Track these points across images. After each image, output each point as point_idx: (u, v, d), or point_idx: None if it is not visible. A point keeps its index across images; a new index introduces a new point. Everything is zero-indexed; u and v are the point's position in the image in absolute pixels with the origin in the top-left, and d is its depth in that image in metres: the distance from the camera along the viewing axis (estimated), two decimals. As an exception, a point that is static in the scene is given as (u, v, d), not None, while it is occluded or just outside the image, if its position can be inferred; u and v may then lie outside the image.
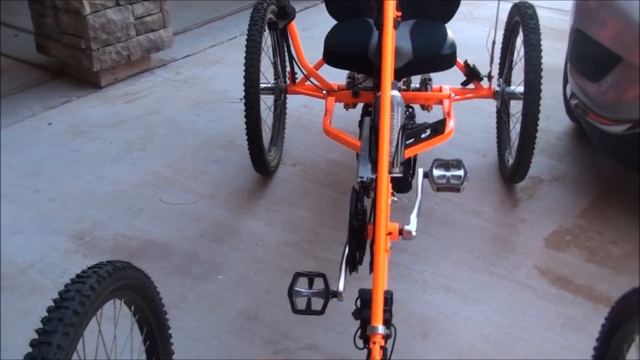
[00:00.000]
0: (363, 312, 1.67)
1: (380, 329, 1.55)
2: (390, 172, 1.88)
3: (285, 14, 2.62)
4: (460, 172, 2.15)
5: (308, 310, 1.93)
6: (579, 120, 3.06)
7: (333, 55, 2.67)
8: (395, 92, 1.89)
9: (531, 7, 2.84)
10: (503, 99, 3.05)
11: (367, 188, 2.05)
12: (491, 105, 3.32)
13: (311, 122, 3.65)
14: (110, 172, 3.27)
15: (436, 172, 2.14)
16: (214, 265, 2.68)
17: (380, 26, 2.11)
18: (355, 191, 2.07)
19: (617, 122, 2.71)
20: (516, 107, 3.05)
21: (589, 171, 3.23)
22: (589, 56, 2.81)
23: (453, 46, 2.70)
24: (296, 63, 2.86)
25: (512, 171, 2.99)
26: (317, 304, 1.93)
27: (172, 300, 2.48)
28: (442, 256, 2.71)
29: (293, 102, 3.51)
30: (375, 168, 1.87)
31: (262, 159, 3.00)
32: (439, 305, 2.47)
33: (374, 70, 2.44)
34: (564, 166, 3.27)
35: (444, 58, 2.66)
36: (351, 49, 2.59)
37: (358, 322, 1.91)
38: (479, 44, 3.72)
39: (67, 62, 4.09)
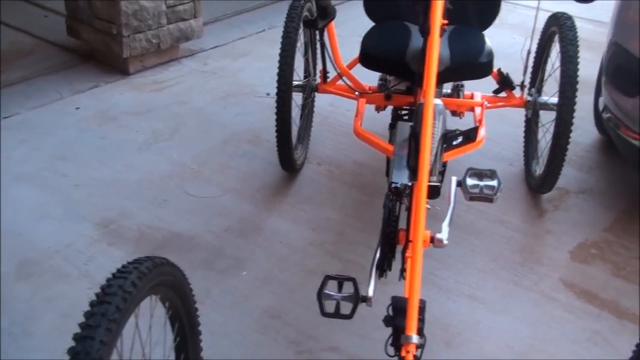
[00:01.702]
0: (396, 320, 1.66)
1: (415, 338, 1.55)
2: (428, 181, 1.88)
3: (326, 14, 2.61)
4: (494, 183, 2.14)
5: (337, 314, 1.93)
6: (610, 133, 3.03)
7: (370, 57, 2.66)
8: (438, 101, 1.88)
9: (570, 18, 2.81)
10: (534, 109, 3.03)
11: (401, 194, 2.05)
12: (519, 114, 3.29)
13: (338, 122, 3.64)
14: (137, 161, 3.28)
15: (470, 182, 2.13)
16: (239, 261, 2.68)
17: (425, 33, 2.09)
18: (388, 196, 2.06)
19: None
20: (545, 118, 3.04)
21: (617, 185, 3.21)
22: (626, 70, 2.79)
23: (490, 54, 2.68)
24: (331, 62, 2.85)
25: (539, 181, 2.97)
26: (345, 307, 1.93)
27: (197, 294, 2.43)
28: (467, 264, 2.70)
29: (320, 100, 3.50)
30: (413, 175, 1.86)
31: (290, 157, 2.99)
32: (463, 314, 2.47)
33: (410, 75, 2.43)
34: (592, 178, 3.25)
35: (481, 66, 2.64)
36: (389, 53, 2.57)
37: (380, 326, 1.90)
38: (508, 50, 3.71)
39: (97, 46, 4.10)
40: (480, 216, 2.96)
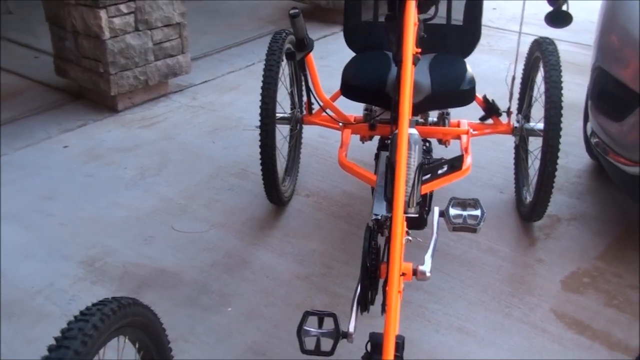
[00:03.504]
0: (373, 357, 1.62)
1: (390, 373, 1.50)
2: (405, 212, 1.84)
3: (304, 46, 2.60)
4: (477, 212, 2.11)
5: (317, 351, 1.88)
6: (599, 158, 3.00)
7: (350, 88, 2.65)
8: (413, 130, 1.85)
9: (552, 43, 2.80)
10: (522, 135, 3.00)
11: (382, 226, 2.01)
12: (509, 140, 3.27)
13: (327, 153, 3.62)
14: (124, 198, 3.25)
15: (452, 212, 2.10)
16: (224, 297, 2.64)
17: (399, 62, 2.08)
18: (369, 229, 2.02)
19: (638, 163, 2.65)
20: (535, 144, 3.01)
21: (609, 211, 3.17)
22: (610, 95, 2.76)
23: (472, 81, 2.66)
24: (313, 94, 2.84)
25: (530, 209, 2.93)
26: (326, 344, 1.88)
27: (180, 331, 2.44)
28: (457, 295, 2.65)
29: (309, 131, 3.49)
30: (390, 207, 1.83)
31: (276, 190, 2.97)
32: (452, 347, 2.41)
33: (391, 105, 2.41)
34: (583, 205, 3.21)
35: (463, 93, 2.63)
36: (369, 83, 2.56)
37: None
38: (497, 76, 3.69)
39: (85, 85, 4.10)
40: (471, 246, 2.92)
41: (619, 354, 2.39)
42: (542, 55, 2.77)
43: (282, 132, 3.12)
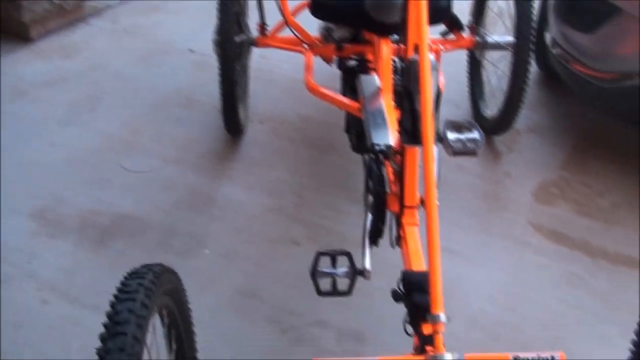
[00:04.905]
0: (414, 297, 1.54)
1: (443, 317, 1.43)
2: (416, 143, 1.73)
3: None
4: (476, 135, 2.00)
5: (334, 292, 1.79)
6: (558, 69, 2.99)
7: (322, 7, 2.44)
8: (432, 56, 1.72)
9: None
10: (484, 50, 2.92)
11: (387, 156, 1.91)
12: (461, 54, 3.19)
13: (273, 74, 3.42)
14: (61, 138, 2.96)
15: (451, 136, 1.98)
16: (196, 238, 2.48)
17: None
18: (373, 160, 1.92)
19: (606, 73, 2.65)
20: (491, 58, 2.96)
21: (563, 121, 3.20)
22: (581, 6, 2.72)
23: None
24: (280, 11, 2.60)
25: (495, 123, 2.90)
26: (342, 284, 1.80)
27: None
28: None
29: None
30: (409, 138, 1.71)
31: (236, 120, 2.78)
32: (443, 269, 2.38)
33: (371, 25, 2.25)
34: (538, 116, 3.22)
35: (439, 9, 2.48)
36: (347, 4, 2.36)
37: (366, 292, 1.85)
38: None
39: (-9, 12, 3.66)
40: (440, 165, 2.86)
41: (600, 260, 2.44)
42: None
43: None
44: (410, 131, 1.70)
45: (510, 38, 2.74)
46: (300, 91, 2.77)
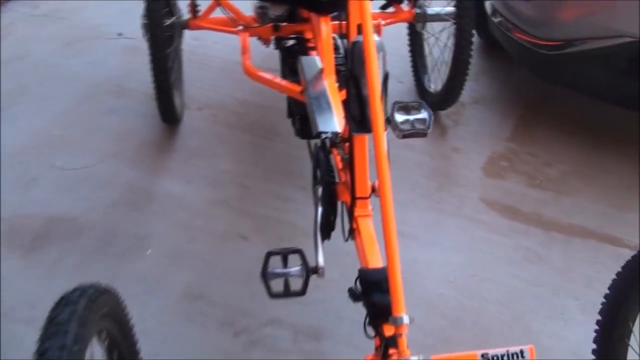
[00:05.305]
0: (373, 297, 1.45)
1: (405, 319, 1.35)
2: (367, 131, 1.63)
3: None
4: (424, 115, 1.91)
5: (287, 293, 1.69)
6: (499, 37, 2.93)
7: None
8: (376, 37, 1.61)
9: None
10: (424, 22, 2.83)
11: (336, 144, 1.81)
12: (400, 27, 3.10)
13: (208, 57, 3.27)
14: (-16, 136, 2.76)
15: (399, 117, 1.89)
16: (137, 239, 2.34)
17: None
18: (321, 149, 1.81)
19: (547, 41, 2.60)
20: (432, 29, 2.88)
21: (508, 90, 3.15)
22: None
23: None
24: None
25: (439, 97, 2.83)
26: (295, 283, 1.70)
27: (101, 287, 2.14)
28: (386, 198, 2.53)
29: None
30: (357, 125, 1.61)
31: (172, 108, 2.63)
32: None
33: (311, 3, 2.14)
34: (481, 87, 3.16)
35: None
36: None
37: (318, 285, 1.74)
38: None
39: None
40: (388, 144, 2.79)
41: (554, 233, 2.41)
42: None
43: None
44: (359, 118, 1.60)
45: (450, 8, 2.66)
46: (237, 74, 2.64)
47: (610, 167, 2.69)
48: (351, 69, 1.59)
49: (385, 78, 1.62)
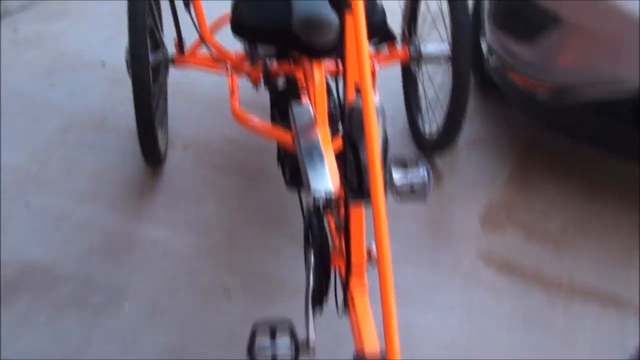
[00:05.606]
0: None
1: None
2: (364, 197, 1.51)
3: None
4: (423, 173, 1.76)
5: (274, 372, 1.55)
6: (494, 77, 2.82)
7: (245, 26, 2.17)
8: (376, 98, 1.49)
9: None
10: (419, 62, 2.72)
11: (330, 206, 1.68)
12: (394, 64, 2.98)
13: (194, 93, 3.12)
14: (-46, 173, 2.61)
15: (396, 177, 1.74)
16: (115, 291, 2.20)
17: (343, 4, 1.62)
18: (313, 212, 1.69)
19: (546, 85, 2.50)
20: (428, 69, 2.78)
21: (502, 132, 3.03)
22: (518, 14, 2.55)
23: (383, 13, 2.29)
24: (195, 27, 2.32)
25: (435, 141, 2.71)
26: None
27: (74, 345, 2.01)
28: (379, 251, 2.41)
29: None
30: (353, 193, 1.48)
31: (155, 149, 2.49)
32: (391, 315, 2.19)
33: (300, 46, 2.02)
34: (476, 127, 3.03)
35: (375, 27, 2.26)
36: (272, 23, 2.10)
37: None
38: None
39: None
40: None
41: (554, 290, 2.30)
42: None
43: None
44: (356, 186, 1.48)
45: (446, 46, 2.54)
46: (225, 109, 2.50)
47: (609, 219, 2.58)
48: (349, 133, 1.47)
49: (385, 143, 1.49)
